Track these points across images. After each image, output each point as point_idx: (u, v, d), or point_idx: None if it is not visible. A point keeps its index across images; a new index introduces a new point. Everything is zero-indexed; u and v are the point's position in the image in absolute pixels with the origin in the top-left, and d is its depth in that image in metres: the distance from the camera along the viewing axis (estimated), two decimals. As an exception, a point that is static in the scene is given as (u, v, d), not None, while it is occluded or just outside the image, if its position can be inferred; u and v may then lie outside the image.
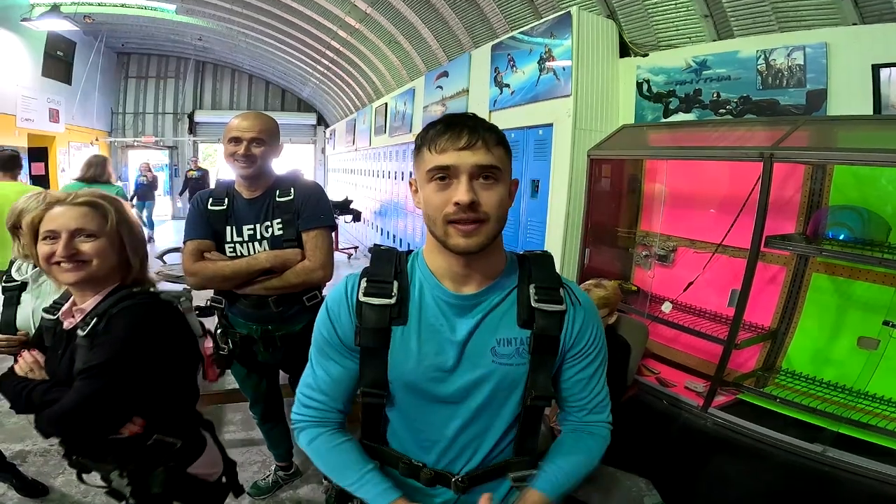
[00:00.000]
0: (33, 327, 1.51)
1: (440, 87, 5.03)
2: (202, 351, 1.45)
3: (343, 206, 7.66)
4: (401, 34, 6.10)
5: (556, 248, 3.06)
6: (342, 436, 0.95)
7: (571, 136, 2.99)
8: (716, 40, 2.82)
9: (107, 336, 1.05)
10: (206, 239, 1.76)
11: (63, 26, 7.86)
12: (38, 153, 8.42)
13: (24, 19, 7.35)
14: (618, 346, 1.92)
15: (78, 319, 1.11)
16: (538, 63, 3.29)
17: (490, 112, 3.90)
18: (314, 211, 1.77)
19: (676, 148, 2.62)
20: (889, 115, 2.06)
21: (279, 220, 1.77)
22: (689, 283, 2.44)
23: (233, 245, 1.78)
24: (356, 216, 7.87)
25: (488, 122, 0.86)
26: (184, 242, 1.78)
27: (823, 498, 1.76)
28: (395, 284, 0.89)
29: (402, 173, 6.07)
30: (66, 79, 9.23)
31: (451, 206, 0.81)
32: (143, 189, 8.98)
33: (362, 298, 0.88)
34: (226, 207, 1.78)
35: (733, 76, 2.58)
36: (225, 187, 1.83)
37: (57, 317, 1.17)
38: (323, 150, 13.45)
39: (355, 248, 8.11)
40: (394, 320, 0.88)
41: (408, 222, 5.95)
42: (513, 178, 0.88)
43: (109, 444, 1.12)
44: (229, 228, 1.78)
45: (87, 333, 1.06)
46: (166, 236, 9.12)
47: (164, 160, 12.91)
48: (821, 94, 2.26)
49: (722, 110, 2.65)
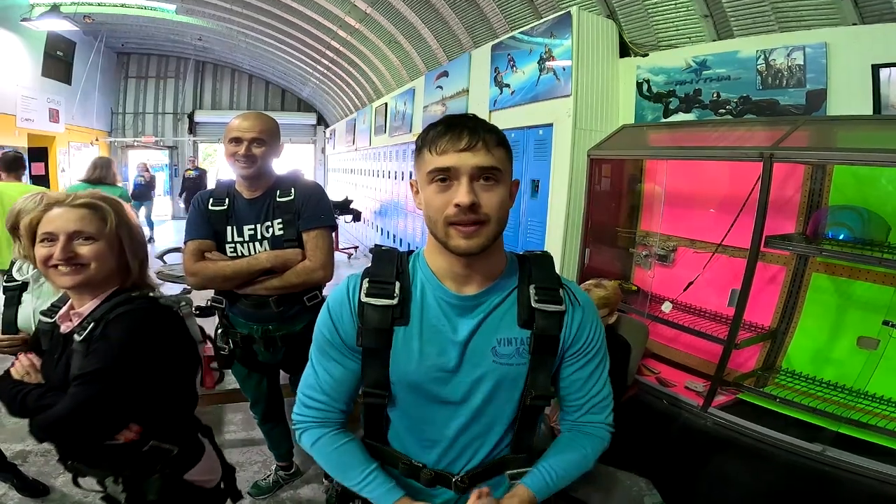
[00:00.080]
0: (34, 328, 1.50)
1: (440, 87, 5.03)
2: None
3: (343, 206, 7.66)
4: (401, 34, 6.09)
5: (556, 248, 3.06)
6: (345, 436, 0.95)
7: (571, 136, 2.99)
8: (716, 40, 2.83)
9: (103, 342, 1.03)
10: (207, 239, 1.77)
11: (63, 26, 7.85)
12: (38, 153, 8.42)
13: (24, 19, 7.35)
14: (618, 346, 1.92)
15: (75, 323, 1.09)
16: (538, 63, 3.29)
17: (490, 112, 3.90)
18: (314, 211, 1.78)
19: (676, 148, 2.62)
20: (889, 115, 2.06)
21: (280, 220, 1.77)
22: (689, 283, 2.44)
23: (233, 245, 1.78)
24: (356, 216, 7.87)
25: (489, 123, 0.86)
26: (185, 242, 1.79)
27: (823, 498, 1.76)
28: (397, 285, 0.89)
29: (402, 173, 6.07)
30: (66, 79, 9.22)
31: (451, 207, 0.81)
32: (140, 189, 8.98)
33: (364, 299, 0.89)
34: (226, 207, 1.79)
35: (733, 76, 2.58)
36: (225, 187, 1.83)
37: (54, 320, 1.14)
38: (323, 150, 13.45)
39: (355, 247, 8.12)
40: (396, 321, 0.88)
41: (408, 222, 5.95)
42: (513, 178, 0.88)
43: (104, 451, 1.09)
44: (230, 228, 1.78)
45: (84, 338, 1.04)
46: (166, 236, 9.12)
47: (164, 160, 12.91)
48: (821, 94, 2.26)
49: (722, 110, 2.65)
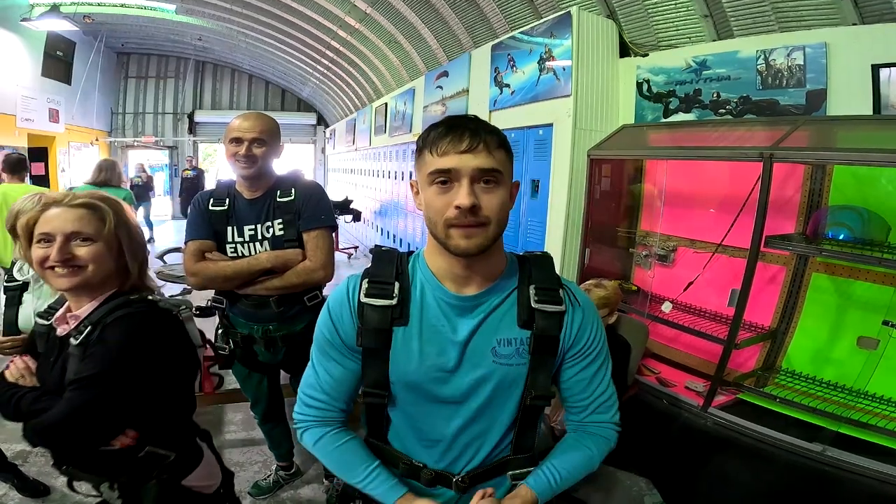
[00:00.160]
0: (34, 328, 1.51)
1: (440, 87, 5.03)
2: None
3: (343, 206, 7.66)
4: (401, 34, 6.09)
5: (556, 248, 3.06)
6: (346, 434, 0.95)
7: (571, 136, 2.99)
8: (716, 40, 2.83)
9: (100, 346, 1.00)
10: (208, 239, 1.77)
11: (63, 26, 7.85)
12: (38, 153, 8.42)
13: (24, 19, 7.35)
14: (618, 346, 1.92)
15: (72, 326, 1.06)
16: (538, 63, 3.29)
17: (490, 112, 3.90)
18: (315, 211, 1.78)
19: (676, 148, 2.62)
20: (889, 115, 2.06)
21: (280, 220, 1.77)
22: (689, 283, 2.44)
23: (234, 245, 1.78)
24: (356, 216, 7.87)
25: (490, 124, 0.86)
26: (185, 243, 1.79)
27: (823, 497, 1.76)
28: (397, 285, 0.89)
29: (403, 173, 6.07)
30: (66, 79, 9.22)
31: (452, 209, 0.81)
32: (138, 189, 8.97)
33: (364, 299, 0.89)
34: (227, 208, 1.79)
35: (733, 76, 2.58)
36: (226, 187, 1.83)
37: (50, 322, 1.11)
38: (323, 150, 13.45)
39: (355, 247, 8.12)
40: (395, 321, 0.88)
41: (408, 222, 5.95)
42: (513, 179, 0.88)
43: (99, 456, 1.06)
44: (230, 229, 1.78)
45: (81, 342, 1.02)
46: (166, 236, 9.13)
47: (164, 160, 12.91)
48: (820, 94, 2.26)
49: (722, 110, 2.65)
